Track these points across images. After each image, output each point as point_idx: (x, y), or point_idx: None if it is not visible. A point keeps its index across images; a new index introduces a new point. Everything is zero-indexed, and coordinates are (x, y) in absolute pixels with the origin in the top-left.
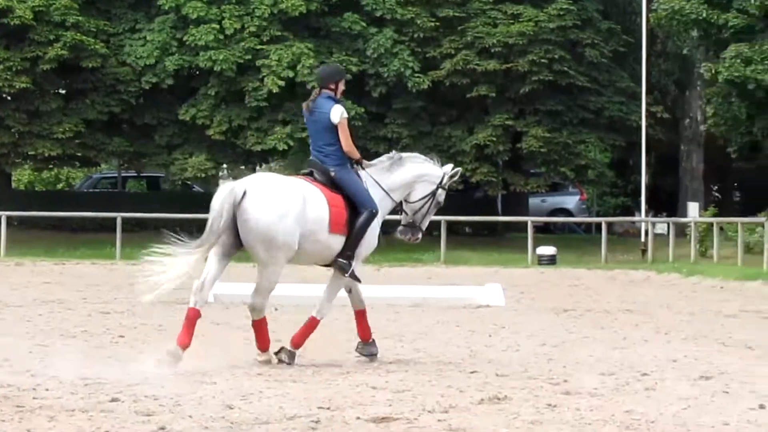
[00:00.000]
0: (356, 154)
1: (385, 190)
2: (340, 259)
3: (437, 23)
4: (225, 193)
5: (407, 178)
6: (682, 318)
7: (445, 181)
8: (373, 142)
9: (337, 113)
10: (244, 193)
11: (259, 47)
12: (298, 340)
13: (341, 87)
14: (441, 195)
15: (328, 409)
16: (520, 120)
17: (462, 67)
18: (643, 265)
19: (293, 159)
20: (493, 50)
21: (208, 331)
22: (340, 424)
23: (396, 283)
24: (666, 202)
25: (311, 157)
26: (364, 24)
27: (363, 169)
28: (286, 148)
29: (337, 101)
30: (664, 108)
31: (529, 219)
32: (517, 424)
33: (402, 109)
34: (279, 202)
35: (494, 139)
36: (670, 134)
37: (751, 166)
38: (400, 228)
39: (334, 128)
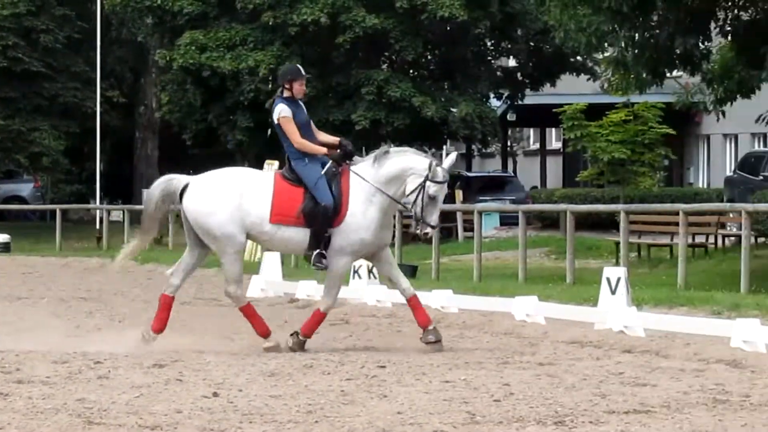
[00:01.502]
0: (312, 149)
1: (373, 185)
2: (311, 253)
3: None
4: (162, 181)
5: (393, 171)
6: (136, 306)
7: (431, 174)
8: None
9: (275, 112)
10: (186, 186)
11: None
12: (306, 331)
13: (297, 86)
14: (431, 188)
15: None
16: None
17: None
18: (98, 252)
19: None
20: None
21: None
22: None
23: None
24: (121, 189)
25: None
26: None
27: (346, 164)
28: None
29: (284, 101)
30: (120, 94)
31: None
32: None
33: None
34: (211, 197)
35: None
36: (126, 121)
37: (206, 153)
38: (413, 222)
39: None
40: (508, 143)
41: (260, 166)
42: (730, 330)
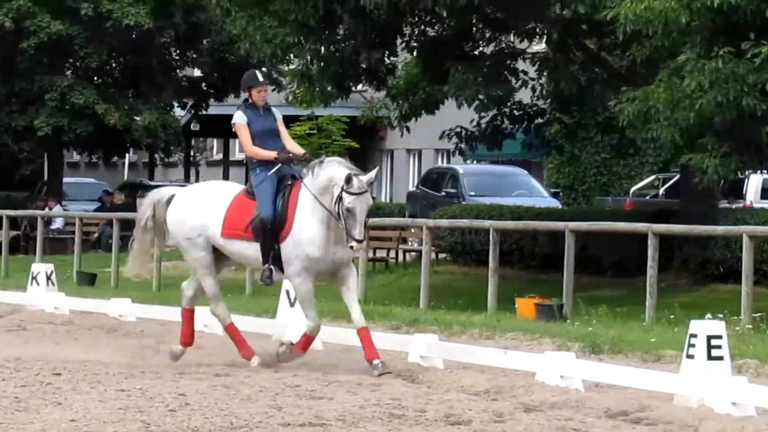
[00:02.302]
0: (262, 155)
1: (314, 195)
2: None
3: None
4: (153, 193)
5: (323, 181)
6: None
7: (345, 186)
8: None
9: (233, 120)
10: (171, 198)
11: None
12: (299, 349)
13: (254, 93)
14: (345, 199)
15: None
16: None
17: None
18: None
19: None
20: None
21: None
22: None
23: None
24: None
25: None
26: None
27: (288, 164)
28: None
29: (244, 108)
30: None
31: None
32: None
33: None
34: (180, 209)
35: None
36: None
37: None
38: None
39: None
40: (192, 153)
41: None
42: (407, 345)
